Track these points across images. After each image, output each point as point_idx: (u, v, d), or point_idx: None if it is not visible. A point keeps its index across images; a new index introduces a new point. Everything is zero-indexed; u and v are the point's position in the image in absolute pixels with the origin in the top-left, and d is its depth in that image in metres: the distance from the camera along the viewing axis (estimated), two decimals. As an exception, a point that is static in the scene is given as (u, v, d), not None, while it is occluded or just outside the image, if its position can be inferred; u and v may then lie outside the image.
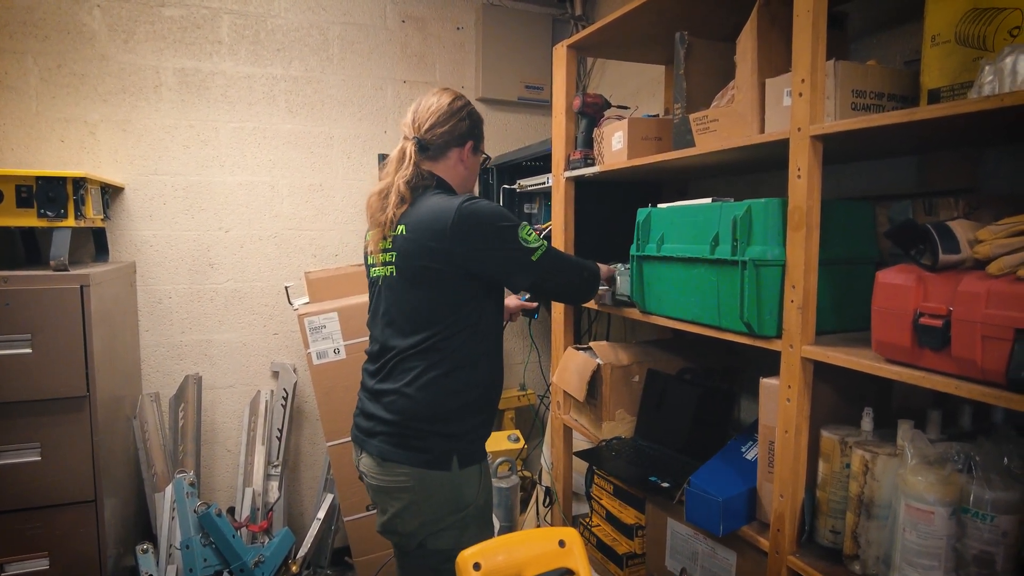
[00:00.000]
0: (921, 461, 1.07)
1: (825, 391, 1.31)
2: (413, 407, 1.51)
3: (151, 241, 2.66)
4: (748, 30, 1.40)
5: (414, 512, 1.53)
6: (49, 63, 2.46)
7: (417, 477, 1.51)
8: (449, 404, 1.52)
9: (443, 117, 1.59)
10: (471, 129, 1.63)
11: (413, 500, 1.52)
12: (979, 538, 1.03)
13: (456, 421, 1.53)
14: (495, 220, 1.48)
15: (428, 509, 1.52)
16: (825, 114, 1.20)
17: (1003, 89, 0.91)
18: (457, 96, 1.63)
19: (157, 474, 2.50)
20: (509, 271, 1.52)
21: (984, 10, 1.05)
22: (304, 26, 2.80)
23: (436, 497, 1.52)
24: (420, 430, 1.51)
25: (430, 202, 1.53)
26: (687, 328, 1.56)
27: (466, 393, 1.54)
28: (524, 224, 1.51)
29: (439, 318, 1.50)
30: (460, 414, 1.54)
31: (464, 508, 1.54)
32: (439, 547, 1.54)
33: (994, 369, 0.90)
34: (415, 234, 1.50)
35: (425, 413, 1.51)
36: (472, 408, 1.56)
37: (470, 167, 1.67)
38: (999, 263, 0.91)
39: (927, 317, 0.99)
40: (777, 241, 1.28)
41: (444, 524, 1.53)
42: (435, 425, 1.51)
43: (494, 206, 1.53)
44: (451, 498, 1.53)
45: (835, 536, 1.27)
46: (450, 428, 1.52)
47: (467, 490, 1.55)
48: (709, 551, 1.60)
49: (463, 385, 1.53)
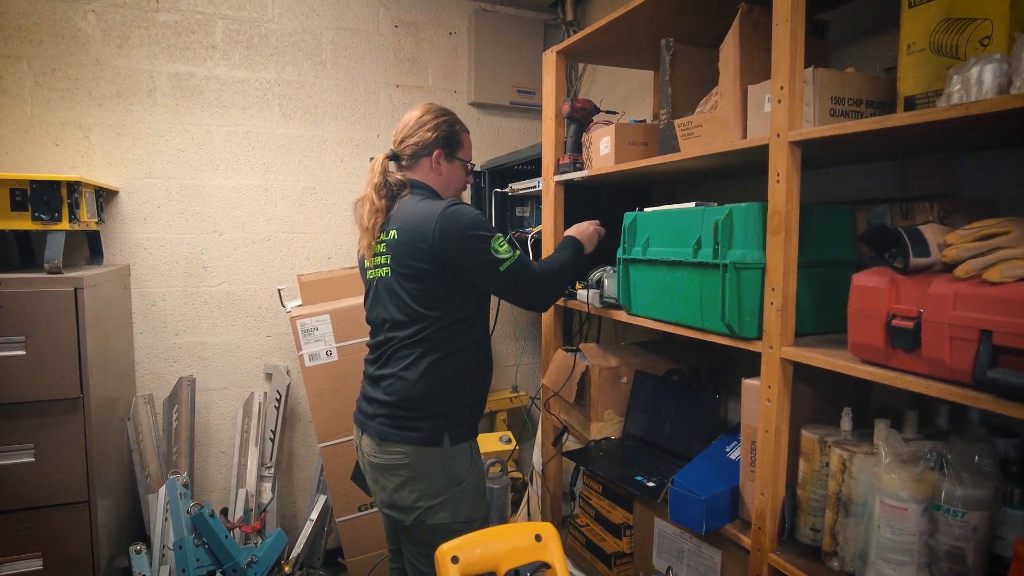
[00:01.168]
0: (895, 459, 1.10)
1: (805, 392, 1.34)
2: (408, 389, 1.65)
3: (145, 244, 2.67)
4: (731, 37, 1.43)
5: (412, 486, 1.65)
6: (44, 67, 2.48)
7: (413, 454, 1.64)
8: (440, 387, 1.65)
9: (411, 129, 1.74)
10: (437, 139, 1.74)
11: (410, 476, 1.65)
12: (950, 534, 1.05)
13: (446, 402, 1.66)
14: (471, 228, 1.60)
15: (424, 483, 1.64)
16: (804, 120, 1.22)
17: (969, 98, 0.94)
18: (431, 110, 1.76)
19: (151, 475, 2.52)
20: (479, 275, 1.64)
21: (957, 20, 1.08)
22: (298, 31, 2.82)
23: (431, 472, 1.64)
24: (415, 410, 1.65)
25: (417, 207, 1.66)
26: (672, 330, 1.59)
27: (455, 377, 1.67)
28: (498, 236, 1.64)
29: (431, 311, 1.63)
30: (450, 396, 1.66)
31: (458, 483, 1.66)
32: (436, 521, 1.65)
33: (962, 369, 0.93)
34: (407, 237, 1.64)
35: (419, 395, 1.64)
36: (460, 391, 1.68)
37: (446, 174, 1.78)
38: (966, 266, 0.93)
39: (899, 319, 1.02)
40: (757, 244, 1.30)
41: (440, 498, 1.64)
42: (428, 406, 1.64)
43: (473, 215, 1.63)
44: (444, 473, 1.65)
45: (815, 533, 1.30)
46: (441, 408, 1.65)
47: (459, 466, 1.67)
48: (695, 550, 1.62)
49: (453, 371, 1.66)
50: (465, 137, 1.81)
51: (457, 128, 1.78)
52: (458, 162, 1.80)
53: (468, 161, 1.84)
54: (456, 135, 1.78)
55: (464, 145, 1.81)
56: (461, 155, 1.80)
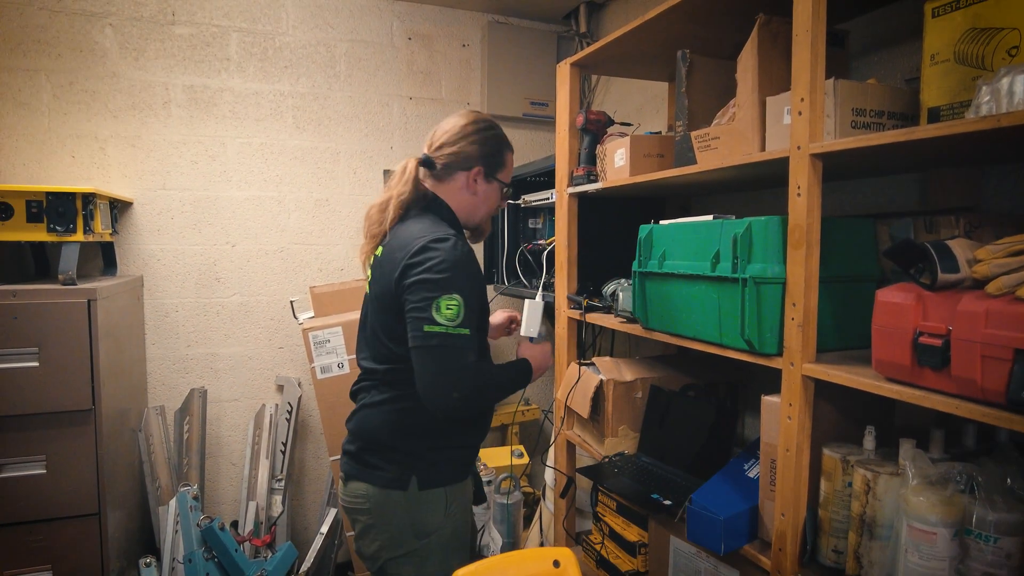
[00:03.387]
0: (923, 481, 1.07)
1: (827, 409, 1.31)
2: (371, 424, 1.48)
3: (159, 255, 2.68)
4: (749, 48, 1.41)
5: (373, 534, 1.47)
6: (61, 80, 2.51)
7: (374, 497, 1.45)
8: (407, 422, 1.46)
9: (453, 137, 1.52)
10: (483, 154, 1.53)
11: (371, 522, 1.47)
12: (982, 560, 1.01)
13: (418, 440, 1.46)
14: (434, 271, 1.34)
15: (386, 532, 1.45)
16: (825, 132, 1.20)
17: (1000, 110, 0.91)
18: (478, 119, 1.55)
19: (161, 487, 2.51)
20: (409, 321, 1.37)
21: (983, 30, 1.06)
22: (311, 43, 2.84)
23: (394, 520, 1.44)
24: (378, 446, 1.47)
25: (409, 228, 1.46)
26: (689, 345, 1.56)
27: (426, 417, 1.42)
28: (455, 297, 1.34)
29: (397, 349, 1.43)
30: (423, 436, 1.46)
31: (427, 535, 1.45)
32: (399, 574, 1.47)
33: (994, 389, 0.89)
34: (385, 259, 1.46)
35: (384, 430, 1.46)
36: (433, 430, 1.46)
37: (481, 195, 1.56)
38: (998, 283, 0.90)
39: (927, 336, 0.99)
40: (777, 259, 1.28)
41: (404, 550, 1.45)
42: (393, 443, 1.46)
43: (449, 258, 1.36)
44: (411, 522, 1.44)
45: (838, 556, 1.26)
46: (409, 446, 1.45)
47: (429, 515, 1.46)
48: (712, 570, 1.58)
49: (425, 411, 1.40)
50: (509, 157, 1.61)
51: (504, 146, 1.59)
52: (496, 184, 1.58)
53: (507, 185, 1.62)
54: (501, 153, 1.58)
55: (507, 166, 1.61)
56: (501, 176, 1.59)
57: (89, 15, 2.52)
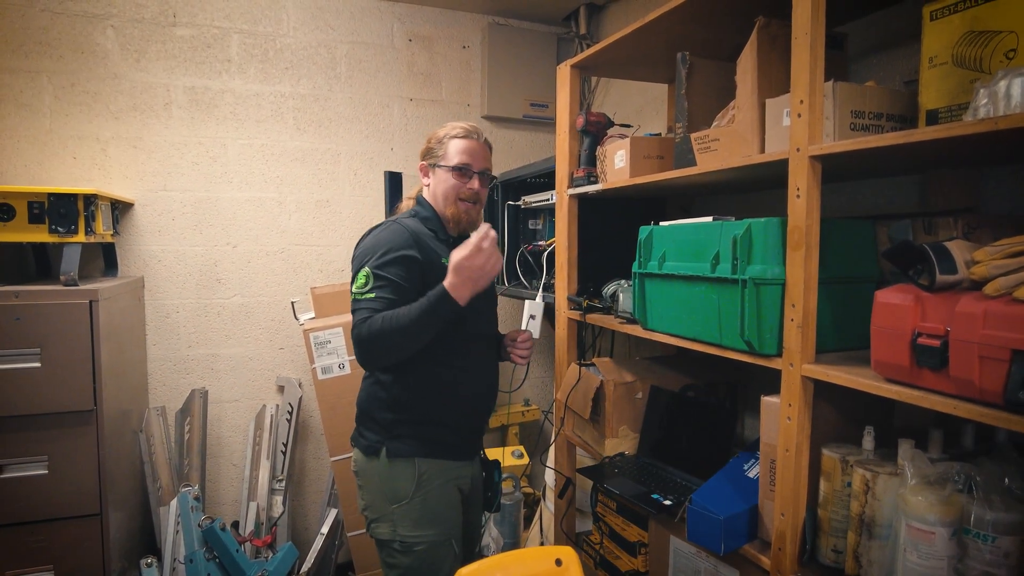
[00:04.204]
0: (921, 481, 1.07)
1: (826, 409, 1.31)
2: (361, 397, 1.74)
3: (160, 256, 2.69)
4: (748, 51, 1.42)
5: (361, 494, 1.72)
6: (63, 81, 2.51)
7: (359, 462, 1.71)
8: (379, 395, 1.68)
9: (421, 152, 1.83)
10: (425, 151, 1.79)
11: (360, 483, 1.72)
12: (981, 559, 1.02)
13: (385, 411, 1.67)
14: (363, 248, 1.64)
15: (368, 493, 1.69)
16: (824, 134, 1.21)
17: (998, 112, 0.92)
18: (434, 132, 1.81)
19: (162, 488, 2.51)
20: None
21: (981, 33, 1.06)
22: (312, 45, 2.84)
23: (372, 483, 1.68)
24: (364, 417, 1.72)
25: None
26: (689, 346, 1.56)
27: (397, 389, 1.66)
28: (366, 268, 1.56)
29: None
30: (386, 408, 1.67)
31: (397, 501, 1.64)
32: (378, 535, 1.67)
33: (992, 389, 0.90)
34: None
35: (365, 402, 1.72)
36: (400, 404, 1.66)
37: (433, 182, 1.78)
38: (995, 284, 0.91)
39: (925, 337, 1.00)
40: (777, 260, 1.28)
41: (379, 512, 1.66)
42: (369, 413, 1.70)
43: (380, 237, 1.63)
44: (382, 487, 1.66)
45: (837, 555, 1.27)
46: (381, 417, 1.67)
47: (399, 484, 1.65)
48: (712, 569, 1.59)
49: (395, 383, 1.66)
50: (453, 143, 1.74)
51: (444, 137, 1.75)
52: (439, 169, 1.75)
53: (453, 166, 1.73)
54: (442, 144, 1.75)
55: (447, 153, 1.74)
56: (443, 162, 1.74)
57: (91, 16, 2.53)
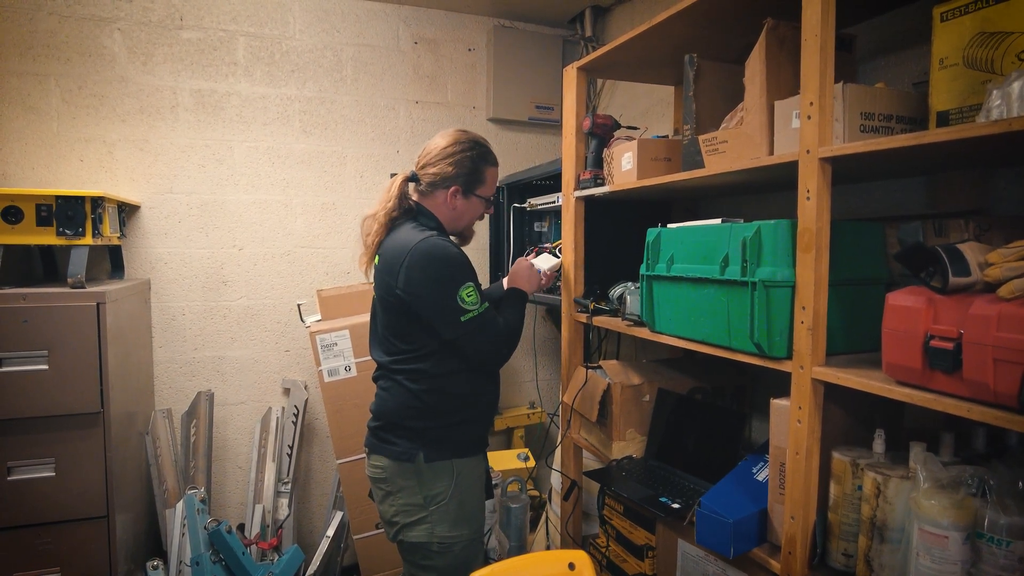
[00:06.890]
0: (934, 484, 1.06)
1: (836, 412, 1.31)
2: (385, 405, 1.70)
3: (166, 258, 2.69)
4: (757, 53, 1.41)
5: (390, 501, 1.68)
6: (70, 84, 2.52)
7: (389, 468, 1.67)
8: (415, 405, 1.65)
9: (434, 158, 1.70)
10: (458, 175, 1.69)
11: (389, 490, 1.68)
12: (995, 564, 1.01)
13: (418, 420, 1.65)
14: (440, 269, 1.57)
15: (400, 499, 1.66)
16: (834, 136, 1.20)
17: (1011, 113, 0.92)
18: (459, 140, 1.71)
19: (168, 490, 2.51)
20: (438, 321, 1.60)
21: (992, 34, 1.06)
22: (318, 47, 2.85)
23: (406, 488, 1.65)
24: (390, 425, 1.68)
25: (401, 235, 1.66)
26: (697, 348, 1.56)
27: (431, 398, 1.65)
28: (468, 284, 1.59)
29: (401, 343, 1.67)
30: (422, 416, 1.65)
31: (435, 502, 1.64)
32: (413, 539, 1.65)
33: (1007, 392, 0.90)
34: (382, 266, 1.66)
35: (393, 412, 1.68)
36: (436, 411, 1.66)
37: (459, 210, 1.74)
38: (1010, 286, 0.91)
39: (938, 340, 0.99)
40: (787, 262, 1.28)
41: (416, 516, 1.64)
42: (402, 422, 1.66)
43: (444, 256, 1.58)
44: (419, 490, 1.64)
45: (847, 559, 1.26)
46: (413, 425, 1.65)
47: (436, 484, 1.65)
48: (720, 573, 1.58)
49: (428, 392, 1.65)
50: (490, 172, 1.75)
51: (482, 164, 1.72)
52: (475, 198, 1.75)
53: (486, 198, 1.77)
54: (479, 172, 1.72)
55: (486, 181, 1.75)
56: (481, 192, 1.74)
57: (98, 20, 2.53)
